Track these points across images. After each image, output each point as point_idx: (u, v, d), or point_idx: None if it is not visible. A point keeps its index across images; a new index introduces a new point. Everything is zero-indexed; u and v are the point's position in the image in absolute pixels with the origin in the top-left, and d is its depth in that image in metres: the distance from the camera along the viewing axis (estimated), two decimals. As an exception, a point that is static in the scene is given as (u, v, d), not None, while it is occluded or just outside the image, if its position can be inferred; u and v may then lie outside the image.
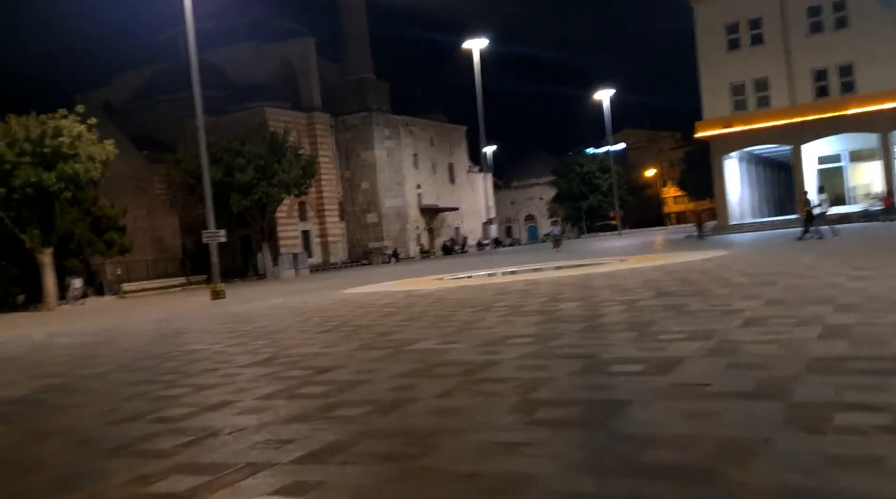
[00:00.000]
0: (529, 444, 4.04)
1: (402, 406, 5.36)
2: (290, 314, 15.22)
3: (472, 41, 48.61)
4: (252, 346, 10.22)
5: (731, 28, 40.92)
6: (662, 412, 4.41)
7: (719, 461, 3.41)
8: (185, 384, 7.49)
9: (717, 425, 3.99)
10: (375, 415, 5.20)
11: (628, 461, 3.58)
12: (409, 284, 22.38)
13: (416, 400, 5.49)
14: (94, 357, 11.11)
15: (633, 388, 5.16)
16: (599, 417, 4.48)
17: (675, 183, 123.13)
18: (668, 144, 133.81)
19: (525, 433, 4.29)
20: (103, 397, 7.39)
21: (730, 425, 3.99)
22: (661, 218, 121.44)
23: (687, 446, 3.69)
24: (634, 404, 4.69)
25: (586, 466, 3.62)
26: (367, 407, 5.44)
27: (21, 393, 8.25)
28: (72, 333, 16.97)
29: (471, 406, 5.13)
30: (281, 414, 5.60)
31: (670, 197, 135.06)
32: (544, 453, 3.88)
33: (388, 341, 9.07)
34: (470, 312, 11.47)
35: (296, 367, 7.84)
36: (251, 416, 5.63)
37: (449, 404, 5.29)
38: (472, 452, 4.03)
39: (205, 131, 48.83)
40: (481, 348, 7.66)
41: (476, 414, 4.89)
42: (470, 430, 4.50)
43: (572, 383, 5.55)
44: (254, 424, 5.34)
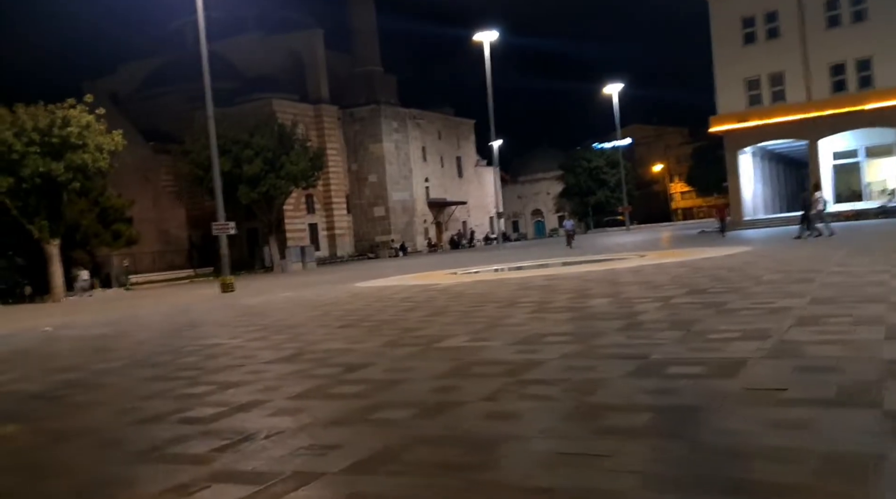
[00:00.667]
0: (603, 456, 3.69)
1: (449, 409, 5.01)
2: (305, 308, 14.89)
3: (482, 34, 48.16)
4: (273, 340, 9.89)
5: (747, 21, 40.38)
6: (744, 421, 4.05)
7: (833, 481, 3.06)
8: (209, 381, 7.16)
9: (814, 437, 3.64)
10: (422, 419, 4.86)
11: (722, 478, 3.24)
12: (422, 278, 22.03)
13: (462, 403, 5.15)
14: (108, 351, 10.79)
15: (700, 392, 4.81)
16: (673, 425, 4.12)
17: (683, 179, 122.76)
18: (676, 140, 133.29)
19: (594, 443, 3.94)
20: (123, 393, 7.06)
21: (828, 436, 3.63)
22: (667, 214, 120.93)
23: (787, 461, 3.34)
24: (708, 410, 4.34)
25: (675, 482, 3.27)
26: (410, 410, 5.10)
27: (36, 388, 7.93)
28: (82, 326, 16.68)
29: (524, 411, 4.78)
30: (318, 416, 5.26)
31: (677, 193, 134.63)
32: (622, 466, 3.53)
33: (416, 338, 8.73)
34: (495, 307, 11.12)
35: (324, 364, 7.50)
36: (286, 418, 5.29)
37: (499, 407, 4.94)
38: (540, 463, 3.69)
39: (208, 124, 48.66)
40: (518, 347, 7.31)
41: (533, 420, 4.54)
42: (530, 437, 4.16)
43: (630, 386, 5.20)
44: (291, 426, 5.00)
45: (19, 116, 30.65)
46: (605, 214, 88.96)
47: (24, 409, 6.82)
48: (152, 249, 49.41)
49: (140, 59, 72.06)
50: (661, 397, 4.78)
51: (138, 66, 70.91)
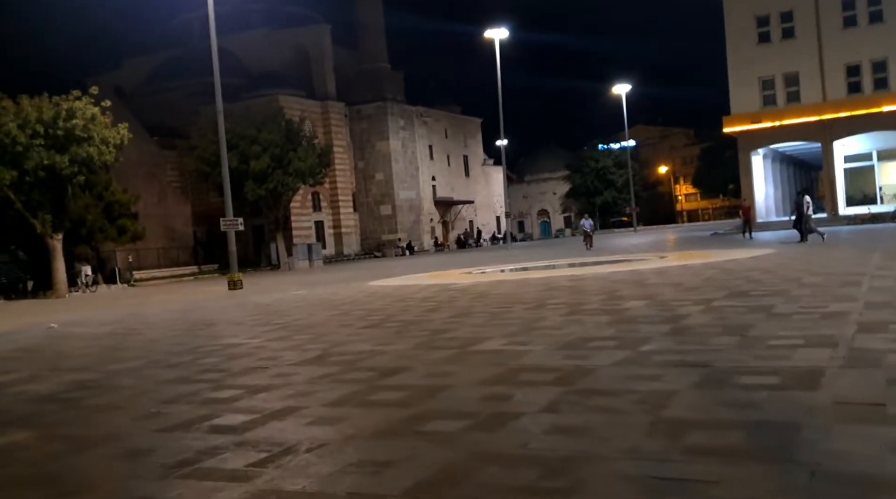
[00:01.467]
0: (708, 482, 3.25)
1: (507, 422, 4.57)
2: (322, 307, 14.46)
3: (492, 31, 47.67)
4: (295, 341, 9.46)
5: (762, 20, 39.89)
6: (855, 442, 3.61)
7: None
8: (235, 385, 6.73)
9: (952, 464, 3.20)
10: (479, 432, 4.42)
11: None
12: (437, 277, 21.59)
13: (519, 415, 4.71)
14: (120, 349, 10.37)
15: (786, 406, 4.37)
16: (773, 445, 3.68)
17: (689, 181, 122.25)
18: (681, 141, 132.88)
19: (691, 466, 3.50)
20: (143, 396, 6.63)
21: (969, 463, 3.20)
22: (672, 216, 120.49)
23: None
24: (806, 428, 3.89)
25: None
26: (463, 421, 4.67)
27: (48, 389, 7.50)
28: (89, 323, 16.25)
29: (594, 426, 4.34)
30: (362, 426, 4.83)
31: (682, 195, 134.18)
32: (738, 496, 3.10)
33: (448, 340, 8.30)
34: (524, 309, 10.68)
35: (355, 367, 7.07)
36: (327, 428, 4.86)
37: (564, 421, 4.51)
38: (637, 490, 3.26)
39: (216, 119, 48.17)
40: (563, 352, 6.87)
41: (608, 436, 4.10)
42: (613, 458, 3.72)
43: (704, 398, 4.76)
44: (334, 438, 4.57)
45: (23, 108, 30.17)
46: (612, 215, 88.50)
47: (36, 412, 6.39)
48: (157, 246, 48.93)
49: (145, 53, 71.58)
50: (743, 411, 4.34)
51: (143, 60, 70.43)
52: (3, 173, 29.40)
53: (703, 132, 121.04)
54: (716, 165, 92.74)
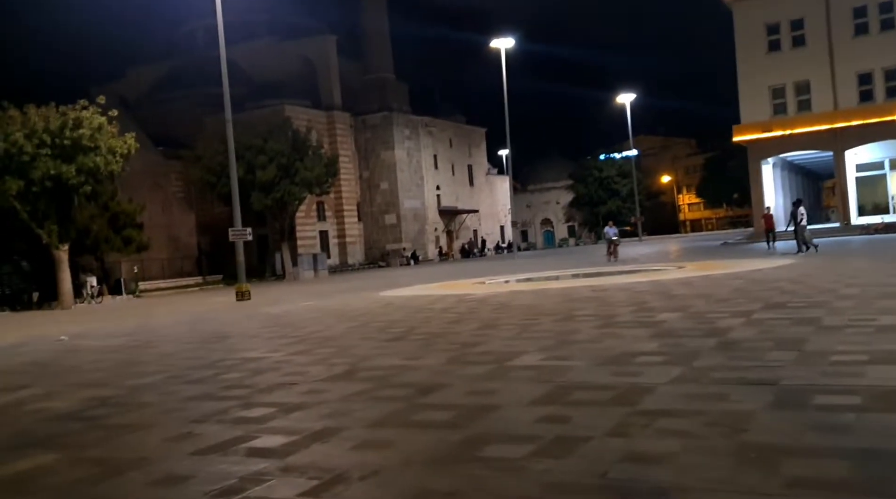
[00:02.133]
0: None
1: (574, 447, 4.24)
2: (336, 318, 14.12)
3: (498, 41, 47.51)
4: (318, 355, 9.12)
5: (772, 28, 39.64)
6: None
7: None
8: (265, 403, 6.40)
9: None
10: (546, 458, 4.09)
11: None
12: (449, 287, 21.26)
13: (586, 439, 4.37)
14: (136, 363, 10.03)
15: (882, 431, 4.04)
16: (888, 478, 3.35)
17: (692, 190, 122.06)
18: (684, 151, 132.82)
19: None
20: (169, 415, 6.29)
21: None
22: (675, 226, 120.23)
23: None
24: (916, 456, 3.56)
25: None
26: (524, 445, 4.33)
27: (67, 407, 7.16)
28: (98, 335, 15.92)
29: (674, 452, 4.00)
30: (413, 450, 4.50)
31: (685, 204, 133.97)
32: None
33: (481, 355, 7.97)
34: (553, 321, 10.34)
35: (388, 384, 6.74)
36: (375, 451, 4.53)
37: (638, 446, 4.17)
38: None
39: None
40: (609, 368, 6.54)
41: (693, 465, 3.76)
42: (707, 490, 3.39)
43: (784, 420, 4.42)
44: (387, 464, 4.24)
45: (30, 117, 29.92)
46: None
47: (59, 432, 6.05)
48: (161, 256, 48.61)
49: (149, 63, 71.48)
50: (837, 436, 4.01)
51: (148, 70, 70.32)
52: (9, 183, 29.11)
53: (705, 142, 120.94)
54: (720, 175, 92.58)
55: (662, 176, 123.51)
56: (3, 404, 7.74)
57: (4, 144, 29.05)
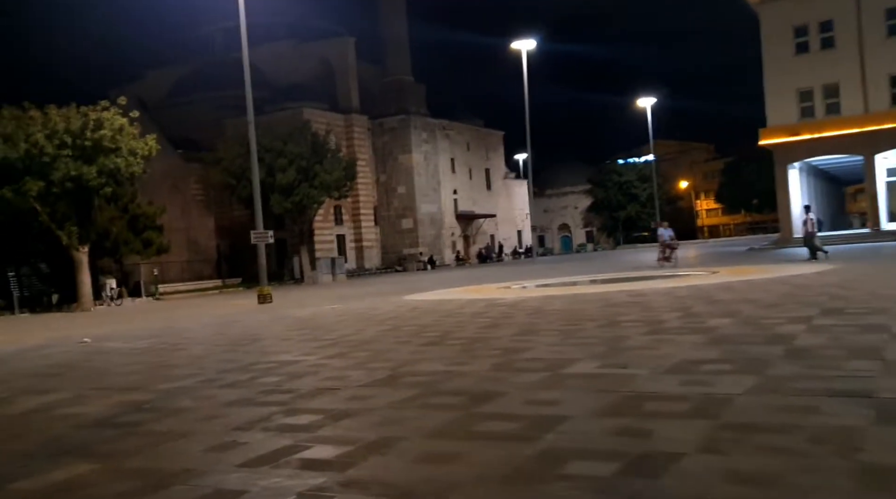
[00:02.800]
0: None
1: (666, 464, 3.85)
2: (366, 322, 13.76)
3: (519, 42, 47.13)
4: (355, 359, 8.77)
5: (800, 31, 39.00)
6: None
7: None
8: (310, 409, 6.05)
9: None
10: (638, 478, 3.71)
11: None
12: (474, 292, 20.88)
13: (676, 456, 3.98)
14: (166, 366, 9.71)
15: None
16: None
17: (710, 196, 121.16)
18: (702, 156, 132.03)
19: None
20: (209, 422, 5.94)
21: None
22: (693, 231, 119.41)
23: None
24: None
25: None
26: (608, 462, 3.95)
27: (98, 412, 6.83)
28: (122, 337, 15.63)
29: (780, 472, 3.60)
30: (484, 464, 4.13)
31: (703, 210, 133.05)
32: None
33: (529, 361, 7.58)
34: (596, 327, 9.94)
35: (437, 391, 6.37)
36: (443, 466, 4.17)
37: (737, 464, 3.78)
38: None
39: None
40: (675, 377, 6.14)
41: (809, 488, 3.37)
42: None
43: (897, 436, 4.02)
44: (461, 480, 3.88)
45: (51, 118, 29.80)
46: (635, 230, 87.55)
47: (92, 439, 5.71)
48: (180, 259, 48.49)
49: (168, 66, 71.57)
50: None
51: (166, 73, 70.40)
52: (30, 184, 28.98)
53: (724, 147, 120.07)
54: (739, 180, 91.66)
55: (680, 181, 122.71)
56: (32, 408, 7.43)
57: (25, 145, 28.93)
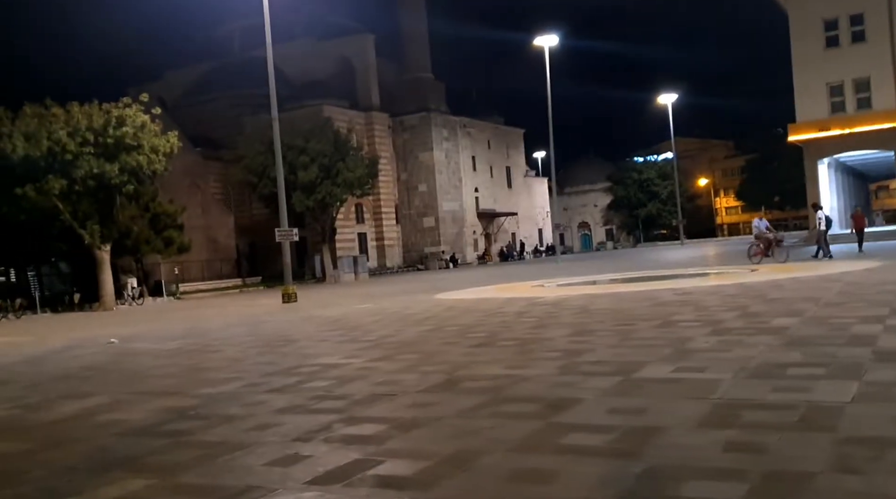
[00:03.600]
0: None
1: (804, 487, 3.41)
2: (403, 322, 13.35)
3: (542, 38, 46.53)
4: (403, 362, 8.36)
5: (830, 24, 38.22)
6: None
7: None
8: (370, 418, 5.63)
9: None
10: None
11: None
12: (508, 290, 20.44)
13: (809, 476, 3.53)
14: (203, 369, 9.34)
15: None
16: None
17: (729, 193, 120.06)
18: (721, 153, 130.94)
19: None
20: (264, 431, 5.52)
21: None
22: (712, 229, 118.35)
23: None
24: None
25: None
26: (734, 482, 3.51)
27: (141, 419, 6.44)
28: (150, 338, 15.29)
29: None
30: (590, 488, 3.69)
31: (722, 208, 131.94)
32: None
33: (594, 364, 7.14)
34: (652, 327, 9.47)
35: (505, 398, 5.93)
36: (540, 487, 3.75)
37: (889, 488, 3.32)
38: None
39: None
40: (765, 382, 5.68)
41: None
42: None
43: None
44: None
45: (74, 115, 29.57)
46: (655, 228, 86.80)
47: (141, 450, 5.31)
48: (200, 258, 48.28)
49: (186, 65, 71.49)
50: None
51: (185, 72, 70.32)
52: (52, 183, 28.79)
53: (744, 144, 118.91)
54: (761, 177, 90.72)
55: (699, 179, 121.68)
56: (71, 414, 7.05)
57: (48, 143, 28.72)
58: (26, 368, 11.57)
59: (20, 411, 7.50)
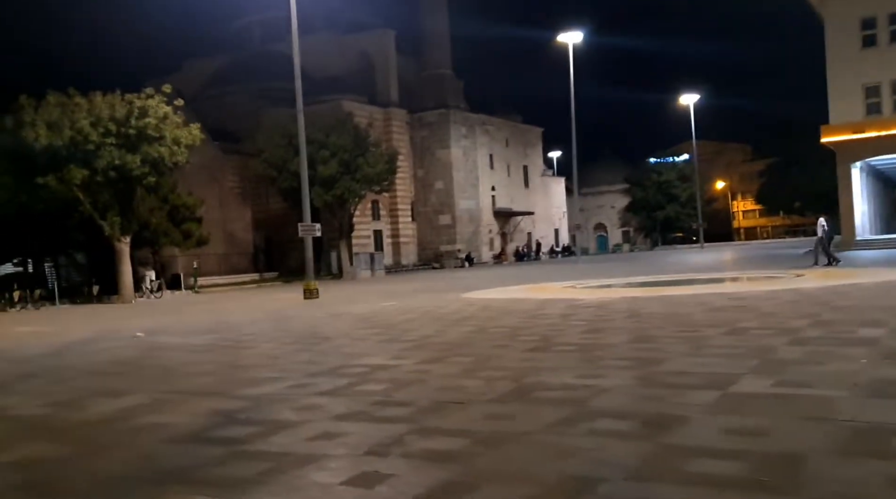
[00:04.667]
0: None
1: None
2: (439, 321, 12.75)
3: (565, 35, 45.89)
4: (457, 365, 7.78)
5: (868, 23, 37.18)
6: None
7: None
8: (446, 430, 5.07)
9: None
10: None
11: None
12: (541, 291, 19.83)
13: None
14: (239, 367, 8.79)
15: None
16: None
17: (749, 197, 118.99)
18: (739, 157, 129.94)
19: None
20: (328, 442, 4.95)
21: None
22: (729, 233, 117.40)
23: None
24: None
25: None
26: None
27: (187, 423, 5.88)
28: (176, 332, 14.79)
29: None
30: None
31: (739, 212, 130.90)
32: None
33: (677, 375, 6.54)
34: (721, 334, 8.85)
35: (593, 412, 5.34)
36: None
37: None
38: None
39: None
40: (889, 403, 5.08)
41: None
42: None
43: None
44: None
45: (96, 104, 29.14)
46: (673, 231, 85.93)
47: (194, 461, 4.75)
48: (216, 252, 47.81)
49: (204, 57, 71.02)
50: None
51: (203, 64, 69.80)
52: (74, 172, 28.37)
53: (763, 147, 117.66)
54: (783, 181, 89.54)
55: (716, 182, 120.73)
56: (108, 415, 6.50)
57: (70, 132, 28.31)
58: (52, 360, 11.07)
59: (52, 409, 6.98)
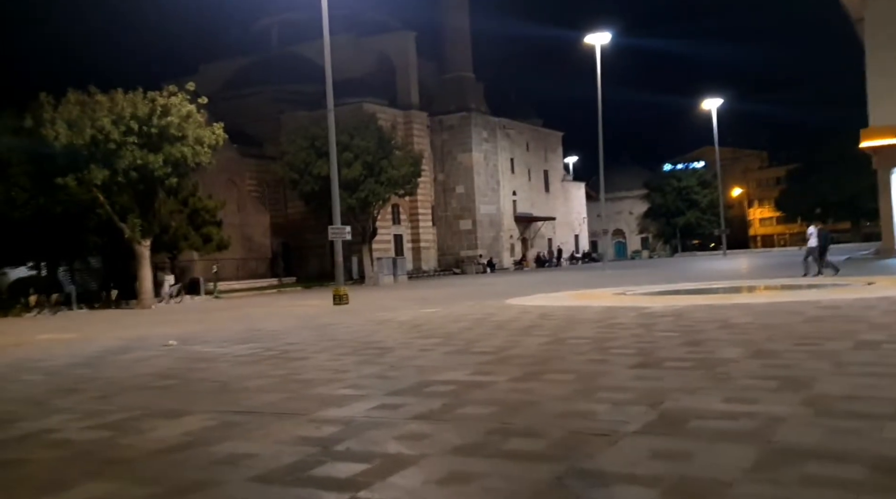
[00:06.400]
0: None
1: None
2: (503, 330, 11.79)
3: (593, 36, 44.92)
4: (562, 385, 6.80)
5: (911, 22, 36.18)
6: None
7: None
8: (612, 474, 4.10)
9: None
10: None
11: None
12: (591, 298, 18.83)
13: None
14: (302, 382, 7.87)
15: None
16: None
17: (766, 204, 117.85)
18: (755, 163, 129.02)
19: None
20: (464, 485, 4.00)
21: None
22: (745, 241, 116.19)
23: None
24: None
25: None
26: None
27: (273, 454, 4.93)
28: (209, 340, 13.83)
29: None
30: None
31: (756, 219, 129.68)
32: None
33: (847, 401, 5.57)
34: (850, 350, 7.86)
35: (777, 448, 4.37)
36: None
37: None
38: None
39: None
40: None
41: None
42: None
43: None
44: None
45: (118, 103, 28.28)
46: (693, 237, 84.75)
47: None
48: (235, 256, 46.97)
49: (222, 59, 70.41)
50: None
51: (221, 66, 69.16)
52: (94, 173, 27.52)
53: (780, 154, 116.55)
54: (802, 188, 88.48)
55: (733, 188, 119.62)
56: (175, 441, 5.52)
57: (91, 131, 27.47)
58: (86, 371, 10.14)
59: (105, 433, 6.02)
